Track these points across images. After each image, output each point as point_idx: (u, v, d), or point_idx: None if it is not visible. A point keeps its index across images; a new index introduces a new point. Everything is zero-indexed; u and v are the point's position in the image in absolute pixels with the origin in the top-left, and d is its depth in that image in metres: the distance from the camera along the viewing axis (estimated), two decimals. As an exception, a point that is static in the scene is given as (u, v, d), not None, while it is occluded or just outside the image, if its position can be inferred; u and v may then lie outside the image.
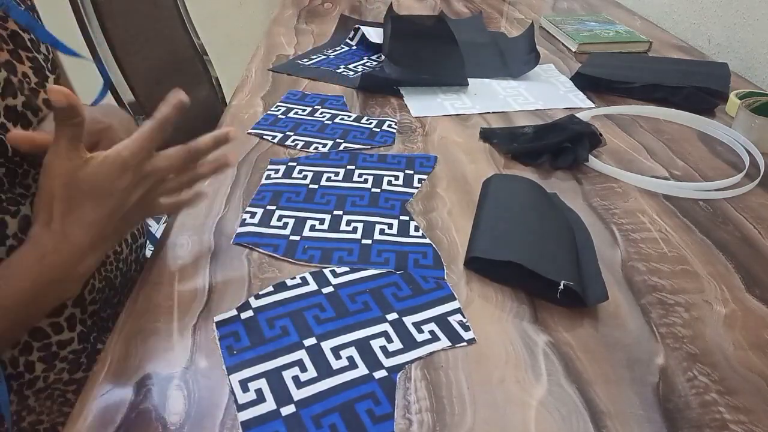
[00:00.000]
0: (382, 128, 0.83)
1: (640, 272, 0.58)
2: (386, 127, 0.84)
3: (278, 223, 0.62)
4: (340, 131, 0.82)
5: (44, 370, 0.56)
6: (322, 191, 0.68)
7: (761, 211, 0.68)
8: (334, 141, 0.79)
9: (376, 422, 0.42)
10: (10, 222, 0.51)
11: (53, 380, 0.57)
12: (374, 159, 0.75)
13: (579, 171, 0.75)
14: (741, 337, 0.51)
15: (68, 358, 0.57)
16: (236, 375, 0.45)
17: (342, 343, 0.48)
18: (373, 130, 0.82)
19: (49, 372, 0.56)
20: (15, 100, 0.53)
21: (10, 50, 0.55)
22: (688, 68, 1.03)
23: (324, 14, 1.35)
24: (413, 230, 0.62)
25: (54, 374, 0.57)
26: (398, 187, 0.70)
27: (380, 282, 0.55)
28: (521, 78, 1.02)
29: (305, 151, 0.77)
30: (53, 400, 0.58)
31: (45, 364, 0.56)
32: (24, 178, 0.53)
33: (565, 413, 0.43)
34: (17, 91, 0.54)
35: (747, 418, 0.44)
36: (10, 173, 0.52)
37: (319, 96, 0.93)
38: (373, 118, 0.86)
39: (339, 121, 0.85)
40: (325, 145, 0.78)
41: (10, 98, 0.53)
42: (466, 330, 0.50)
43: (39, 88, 0.57)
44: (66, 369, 0.58)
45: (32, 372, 0.55)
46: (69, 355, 0.57)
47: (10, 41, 0.55)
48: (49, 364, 0.56)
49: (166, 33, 1.24)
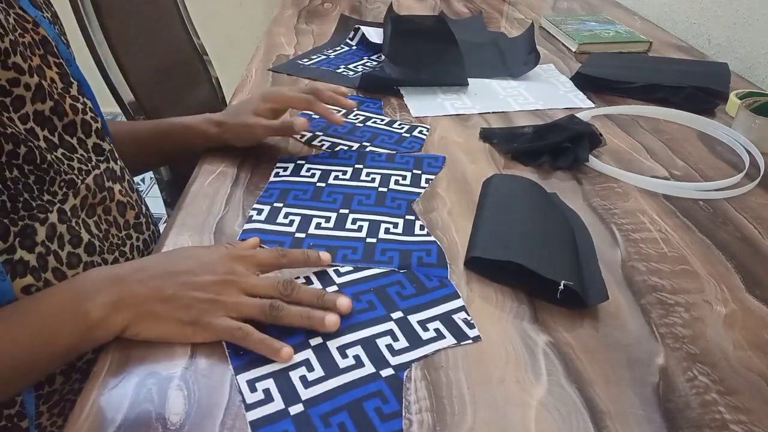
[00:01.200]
0: (413, 134, 0.82)
1: (640, 272, 0.58)
2: (417, 133, 0.83)
3: (284, 221, 0.63)
4: (369, 134, 0.82)
5: (62, 383, 0.56)
6: (329, 189, 0.68)
7: (761, 211, 0.68)
8: (360, 143, 0.79)
9: (385, 420, 0.42)
10: (39, 229, 0.51)
11: (68, 391, 0.57)
12: (382, 158, 0.75)
13: (579, 171, 0.75)
14: (741, 337, 0.51)
15: (83, 369, 0.57)
16: (243, 375, 0.45)
17: (348, 342, 0.48)
18: (403, 135, 0.82)
19: (65, 384, 0.56)
20: (44, 105, 0.54)
21: (41, 55, 0.56)
22: (688, 68, 1.03)
23: (324, 14, 1.35)
24: (418, 229, 0.62)
25: (69, 385, 0.57)
26: (405, 186, 0.70)
27: (384, 281, 0.55)
28: (521, 78, 1.02)
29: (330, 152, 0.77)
30: (65, 416, 0.58)
31: (64, 377, 0.56)
32: (51, 185, 0.53)
33: (565, 413, 0.44)
34: (46, 96, 0.54)
35: (747, 418, 0.44)
36: (39, 180, 0.52)
37: (357, 98, 0.93)
38: (405, 123, 0.85)
39: (371, 124, 0.85)
40: (350, 147, 0.78)
41: (39, 103, 0.54)
42: (471, 328, 0.50)
43: (65, 93, 0.57)
44: (79, 379, 0.57)
45: (52, 385, 0.55)
46: (84, 366, 0.57)
47: (41, 46, 0.56)
48: (67, 377, 0.56)
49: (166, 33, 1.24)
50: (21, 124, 0.51)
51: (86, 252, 0.56)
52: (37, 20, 0.56)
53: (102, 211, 0.60)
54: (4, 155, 0.49)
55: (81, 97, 0.59)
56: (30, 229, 0.50)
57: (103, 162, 0.61)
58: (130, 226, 0.65)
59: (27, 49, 0.53)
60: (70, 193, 0.55)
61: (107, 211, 0.61)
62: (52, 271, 0.52)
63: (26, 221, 0.50)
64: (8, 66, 0.50)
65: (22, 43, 0.53)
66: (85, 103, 0.60)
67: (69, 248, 0.54)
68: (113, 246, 0.61)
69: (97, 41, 0.97)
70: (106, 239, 0.60)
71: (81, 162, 0.57)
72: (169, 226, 0.62)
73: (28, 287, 0.50)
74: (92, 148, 0.60)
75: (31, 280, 0.50)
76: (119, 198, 0.62)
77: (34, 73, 0.53)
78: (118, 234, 0.62)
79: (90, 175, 0.58)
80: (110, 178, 0.61)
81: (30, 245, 0.50)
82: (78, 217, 0.56)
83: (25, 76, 0.52)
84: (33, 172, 0.51)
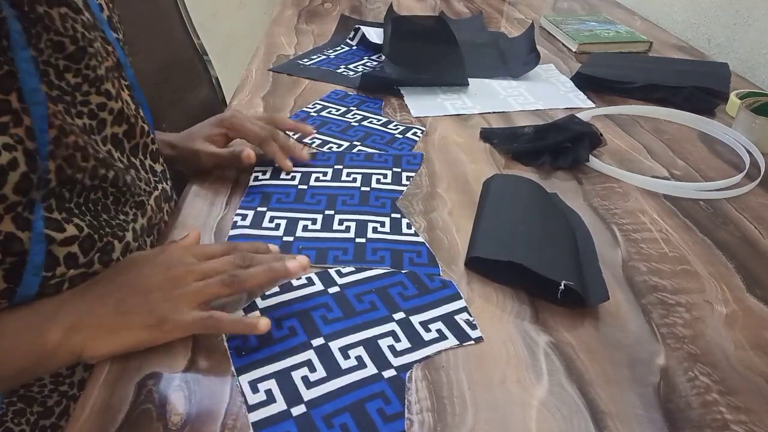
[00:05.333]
0: (406, 135, 0.82)
1: (641, 272, 0.58)
2: (410, 134, 0.82)
3: (270, 225, 0.62)
4: (362, 134, 0.82)
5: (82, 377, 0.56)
6: (311, 191, 0.68)
7: (761, 211, 0.68)
8: (350, 143, 0.79)
9: (387, 421, 0.42)
10: (117, 246, 0.51)
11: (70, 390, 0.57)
12: (361, 158, 0.75)
13: (579, 171, 0.75)
14: (742, 337, 0.51)
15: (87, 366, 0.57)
16: (245, 376, 0.45)
17: (350, 343, 0.48)
18: (396, 136, 0.82)
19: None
20: (120, 128, 0.55)
21: (117, 78, 0.56)
22: (688, 68, 1.03)
23: (324, 14, 1.35)
24: (405, 227, 0.63)
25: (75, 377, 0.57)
26: (387, 185, 0.70)
27: (386, 282, 0.55)
28: (521, 78, 1.02)
29: (318, 150, 0.77)
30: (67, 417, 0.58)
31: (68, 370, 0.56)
32: (124, 205, 0.54)
33: (566, 413, 0.43)
34: (123, 120, 0.55)
35: (748, 418, 0.44)
36: (115, 201, 0.53)
37: (359, 98, 0.93)
38: (401, 125, 0.85)
39: (366, 123, 0.85)
40: (340, 146, 0.78)
41: (116, 126, 0.55)
42: (473, 328, 0.50)
43: (138, 115, 0.58)
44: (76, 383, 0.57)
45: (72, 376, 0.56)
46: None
47: (117, 70, 0.56)
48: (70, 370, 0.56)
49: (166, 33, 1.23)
50: (102, 146, 0.53)
51: None
52: (114, 45, 0.57)
53: (156, 232, 0.61)
54: (98, 179, 0.50)
55: (144, 119, 0.60)
56: (110, 246, 0.51)
57: (159, 183, 0.62)
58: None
59: (110, 73, 0.54)
60: (139, 213, 0.56)
61: (160, 231, 0.62)
62: None
63: (108, 238, 0.51)
64: (101, 92, 0.52)
65: (106, 67, 0.53)
66: (146, 125, 0.60)
67: None
68: None
69: (97, 41, 0.97)
70: None
71: (147, 183, 0.59)
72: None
73: None
74: (149, 168, 0.61)
75: None
76: (166, 218, 0.64)
77: (117, 98, 0.54)
78: None
79: (152, 196, 0.59)
80: (164, 198, 0.62)
81: (107, 261, 0.50)
82: (145, 236, 0.57)
83: (111, 101, 0.53)
84: (113, 194, 0.53)
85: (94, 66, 0.51)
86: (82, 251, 0.48)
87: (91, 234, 0.49)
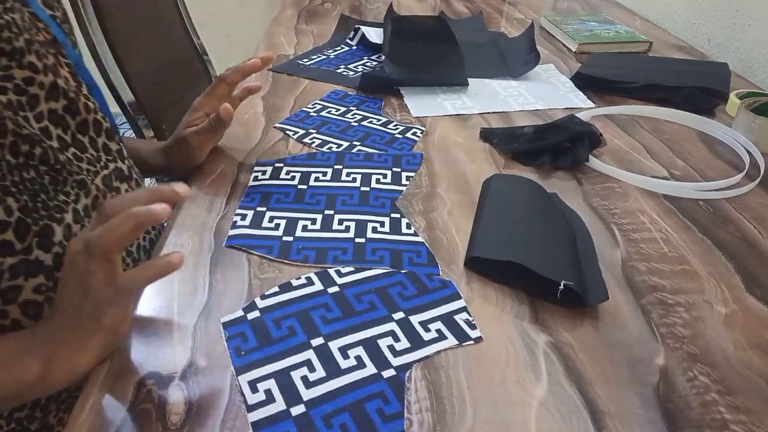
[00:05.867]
0: (406, 135, 0.82)
1: (641, 272, 0.58)
2: (410, 134, 0.82)
3: (270, 225, 0.62)
4: (362, 134, 0.82)
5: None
6: (311, 191, 0.68)
7: (761, 211, 0.68)
8: (350, 143, 0.79)
9: (386, 421, 0.42)
10: (56, 230, 0.51)
11: (74, 388, 0.57)
12: (360, 158, 0.75)
13: (579, 171, 0.75)
14: (741, 337, 0.51)
15: None
16: (245, 376, 0.45)
17: (349, 343, 0.48)
18: (395, 136, 0.82)
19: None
20: (57, 103, 0.54)
21: (54, 54, 0.56)
22: (688, 68, 1.03)
23: (324, 14, 1.35)
24: (405, 227, 0.63)
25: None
26: (387, 184, 0.70)
27: (385, 281, 0.55)
28: (521, 78, 1.02)
29: (318, 150, 0.77)
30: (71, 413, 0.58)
31: None
32: (64, 185, 0.53)
33: (565, 413, 0.43)
34: (60, 95, 0.54)
35: (747, 418, 0.44)
36: (53, 181, 0.52)
37: (359, 98, 0.93)
38: (401, 125, 0.85)
39: (366, 123, 0.85)
40: (340, 146, 0.78)
41: (53, 101, 0.54)
42: (472, 328, 0.50)
43: (79, 92, 0.57)
44: None
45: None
46: None
47: (53, 46, 0.56)
48: None
49: (166, 33, 1.24)
50: (36, 123, 0.52)
51: None
52: (46, 22, 0.56)
53: None
54: (22, 156, 0.49)
55: (91, 96, 0.60)
56: (48, 229, 0.50)
57: (111, 162, 0.61)
58: None
59: (42, 47, 0.53)
60: (81, 194, 0.55)
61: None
62: None
63: (45, 221, 0.50)
64: (23, 65, 0.51)
65: (37, 41, 0.53)
66: (94, 103, 0.60)
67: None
68: None
69: (97, 41, 0.97)
70: None
71: (90, 162, 0.58)
72: (169, 226, 0.62)
73: (39, 287, 0.50)
74: (102, 147, 0.60)
75: (42, 279, 0.50)
76: None
77: (49, 71, 0.53)
78: None
79: (99, 176, 0.58)
80: (118, 177, 0.61)
81: (48, 245, 0.50)
82: (90, 217, 0.56)
83: (39, 75, 0.52)
84: (48, 172, 0.51)
85: (8, 38, 0.49)
86: (18, 237, 0.47)
87: (22, 218, 0.48)
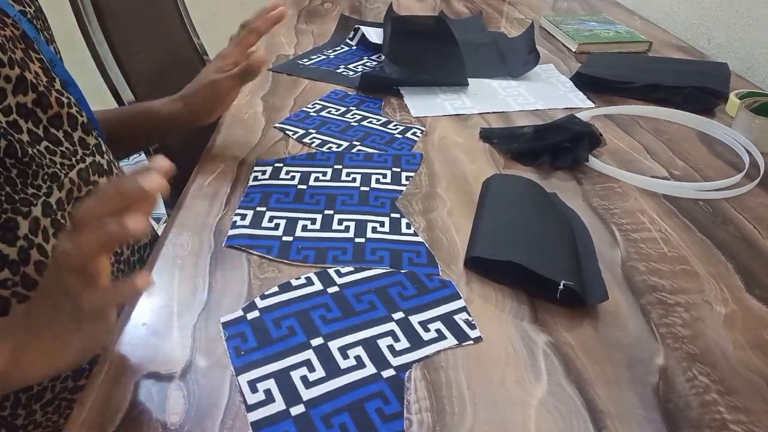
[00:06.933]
0: (405, 135, 0.82)
1: (640, 272, 0.58)
2: (410, 134, 0.82)
3: (270, 225, 0.62)
4: (361, 134, 0.82)
5: (51, 380, 0.56)
6: (311, 191, 0.68)
7: (761, 211, 0.68)
8: (350, 143, 0.79)
9: (386, 421, 0.42)
10: (21, 223, 0.50)
11: (60, 389, 0.57)
12: (360, 158, 0.75)
13: (579, 171, 0.75)
14: (741, 337, 0.51)
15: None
16: (245, 376, 0.45)
17: (349, 343, 0.49)
18: (395, 136, 0.82)
19: (56, 381, 0.56)
20: (26, 97, 0.54)
21: (23, 49, 0.55)
22: (688, 68, 1.03)
23: (324, 14, 1.35)
24: (405, 227, 0.63)
25: (60, 383, 0.56)
26: (386, 184, 0.70)
27: (385, 281, 0.55)
28: (521, 78, 1.02)
29: (318, 150, 0.77)
30: (60, 413, 0.58)
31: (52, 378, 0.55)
32: (35, 178, 0.53)
33: (565, 413, 0.44)
34: (29, 88, 0.54)
35: (747, 418, 0.44)
36: (21, 174, 0.52)
37: (359, 98, 0.93)
38: (400, 125, 0.85)
39: (366, 123, 0.85)
40: (339, 146, 0.78)
41: (21, 95, 0.53)
42: (472, 328, 0.50)
43: (50, 87, 0.57)
44: (70, 376, 0.57)
45: (40, 383, 0.55)
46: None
47: (22, 41, 0.56)
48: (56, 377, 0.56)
49: (166, 33, 1.24)
50: (3, 117, 0.51)
51: None
52: (15, 18, 0.56)
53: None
54: None
55: (65, 92, 0.59)
56: (12, 222, 0.50)
57: (89, 156, 0.60)
58: None
59: (9, 42, 0.53)
60: (54, 187, 0.54)
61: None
62: (35, 264, 0.51)
63: (9, 215, 0.49)
64: None
65: (3, 35, 0.52)
66: (69, 98, 0.59)
67: (54, 241, 0.53)
68: None
69: (97, 41, 0.97)
70: None
71: (65, 156, 0.57)
72: (168, 226, 0.62)
73: (5, 281, 0.49)
74: (78, 141, 0.59)
75: (8, 274, 0.49)
76: None
77: (15, 65, 0.52)
78: None
79: (74, 169, 0.58)
80: (96, 171, 0.61)
81: (11, 239, 0.49)
82: (64, 211, 0.55)
83: (5, 68, 0.51)
84: (15, 165, 0.51)
85: None
86: None
87: None
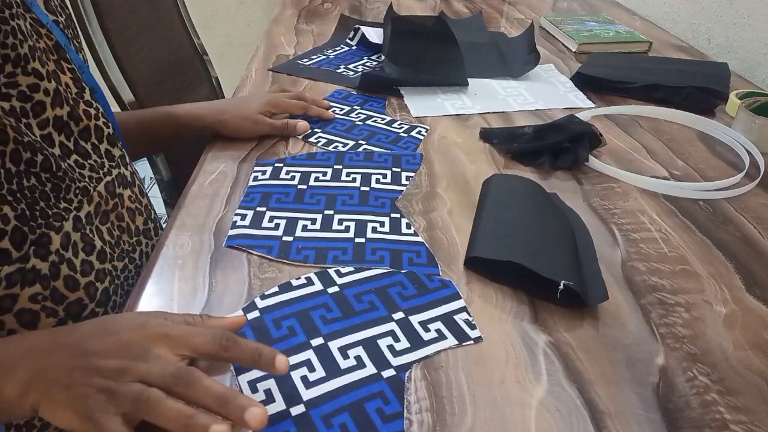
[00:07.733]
0: (411, 134, 0.82)
1: (640, 272, 0.58)
2: (415, 133, 0.82)
3: (270, 225, 0.62)
4: (367, 133, 0.82)
5: None
6: (311, 191, 0.68)
7: (761, 211, 0.68)
8: (356, 142, 0.79)
9: (386, 421, 0.42)
10: (54, 238, 0.51)
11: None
12: (360, 158, 0.75)
13: (579, 171, 0.75)
14: (741, 337, 0.51)
15: None
16: (245, 375, 0.45)
17: (349, 343, 0.48)
18: (400, 135, 0.82)
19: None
20: (62, 110, 0.54)
21: (55, 60, 0.56)
22: (688, 68, 1.03)
23: (324, 14, 1.35)
24: (405, 227, 0.63)
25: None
26: (387, 184, 0.70)
27: (385, 281, 0.55)
28: (521, 78, 1.02)
29: (323, 149, 0.77)
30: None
31: None
32: (67, 192, 0.53)
33: (565, 413, 0.44)
34: (63, 101, 0.54)
35: (747, 418, 0.44)
36: (55, 188, 0.52)
37: (362, 97, 0.93)
38: (405, 123, 0.85)
39: (371, 123, 0.85)
40: (345, 145, 0.78)
41: (58, 108, 0.54)
42: (472, 328, 0.50)
43: (79, 99, 0.57)
44: None
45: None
46: None
47: (54, 52, 0.56)
48: None
49: (166, 33, 1.24)
50: (39, 130, 0.52)
51: (98, 259, 0.56)
52: (49, 27, 0.56)
53: (115, 218, 0.60)
54: (23, 164, 0.49)
55: (94, 103, 0.60)
56: (45, 237, 0.50)
57: (114, 168, 0.61)
58: (140, 232, 0.65)
59: (43, 54, 0.53)
60: (84, 201, 0.55)
61: (120, 217, 0.61)
62: (64, 279, 0.52)
63: (42, 230, 0.50)
64: (28, 71, 0.50)
65: (39, 48, 0.53)
66: (97, 109, 0.60)
67: (83, 256, 0.54)
68: (123, 253, 0.61)
69: (97, 41, 0.97)
70: (117, 246, 0.60)
71: (93, 169, 0.58)
72: (169, 227, 0.62)
73: (35, 296, 0.49)
74: (104, 153, 0.60)
75: (39, 288, 0.50)
76: (129, 204, 0.63)
77: (51, 78, 0.53)
78: (129, 240, 0.63)
79: (102, 182, 0.58)
80: (121, 184, 0.62)
81: (44, 254, 0.50)
82: (92, 225, 0.56)
83: (44, 82, 0.52)
84: (50, 180, 0.51)
85: (13, 44, 0.49)
86: (14, 245, 0.47)
87: (19, 227, 0.47)
